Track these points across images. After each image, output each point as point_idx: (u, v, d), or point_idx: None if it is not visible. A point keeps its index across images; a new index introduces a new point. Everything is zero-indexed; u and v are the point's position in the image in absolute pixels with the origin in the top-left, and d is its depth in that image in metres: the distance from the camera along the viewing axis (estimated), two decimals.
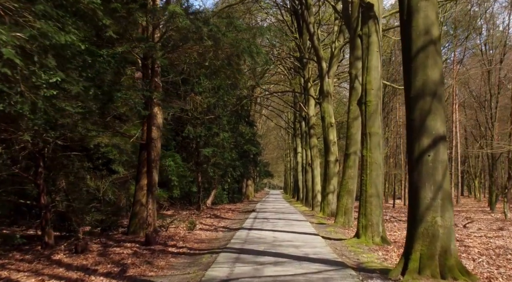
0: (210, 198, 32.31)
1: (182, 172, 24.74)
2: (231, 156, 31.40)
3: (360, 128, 18.54)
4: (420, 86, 8.14)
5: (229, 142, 30.48)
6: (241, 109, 40.61)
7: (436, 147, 8.03)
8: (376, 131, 13.32)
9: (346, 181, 18.40)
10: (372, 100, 13.39)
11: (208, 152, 27.39)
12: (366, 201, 13.20)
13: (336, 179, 23.80)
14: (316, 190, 28.97)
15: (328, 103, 23.67)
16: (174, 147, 27.93)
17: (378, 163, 13.24)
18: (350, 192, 18.41)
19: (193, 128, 27.88)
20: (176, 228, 17.79)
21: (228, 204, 38.38)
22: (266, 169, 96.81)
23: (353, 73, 18.46)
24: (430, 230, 7.94)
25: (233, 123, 32.16)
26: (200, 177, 29.45)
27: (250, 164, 47.07)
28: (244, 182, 51.01)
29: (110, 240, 13.59)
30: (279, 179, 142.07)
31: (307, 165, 34.37)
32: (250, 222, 20.11)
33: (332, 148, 23.54)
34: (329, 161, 23.50)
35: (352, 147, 18.40)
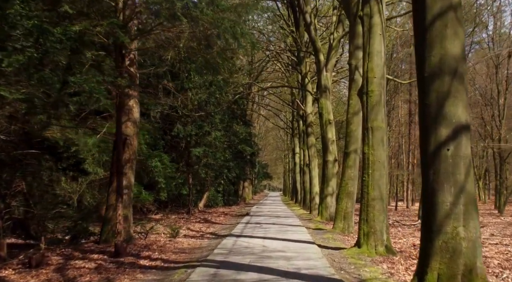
0: (202, 200, 30.67)
1: (170, 173, 23.09)
2: (224, 156, 29.76)
3: (360, 124, 16.92)
4: (437, 62, 6.49)
5: (222, 141, 28.86)
6: (237, 108, 39.01)
7: (457, 139, 6.38)
8: (379, 126, 11.66)
9: (345, 182, 16.75)
10: (375, 90, 11.74)
11: (198, 151, 25.77)
12: (368, 204, 11.53)
13: (335, 180, 22.14)
14: (314, 192, 27.31)
15: (326, 99, 22.03)
16: (163, 146, 26.28)
17: (381, 162, 11.58)
18: (350, 195, 16.75)
19: (182, 127, 26.25)
20: (158, 234, 16.14)
21: (223, 207, 36.72)
22: (265, 170, 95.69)
23: (353, 64, 16.82)
24: (450, 244, 6.28)
25: (226, 121, 30.51)
26: (191, 179, 27.79)
27: (246, 165, 45.46)
28: (241, 183, 49.33)
29: (77, 250, 11.91)
30: (278, 181, 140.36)
31: (305, 165, 32.71)
32: (241, 227, 18.44)
33: (331, 147, 21.88)
34: (328, 161, 21.84)
35: (352, 145, 16.76)
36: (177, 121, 26.48)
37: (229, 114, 32.00)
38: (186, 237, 15.86)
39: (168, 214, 26.80)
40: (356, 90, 16.42)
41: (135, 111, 13.62)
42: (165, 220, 23.33)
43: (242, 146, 32.78)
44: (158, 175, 22.56)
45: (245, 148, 33.03)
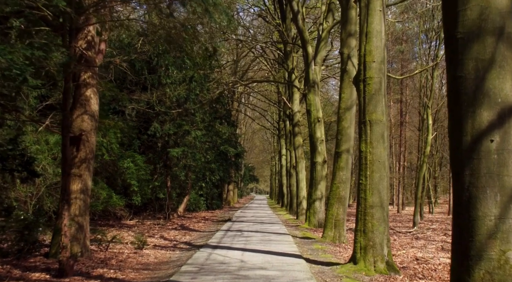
0: (182, 205, 28.67)
1: (144, 175, 21.12)
2: (206, 158, 27.80)
3: (354, 120, 15.12)
4: (475, 18, 4.65)
5: (203, 142, 26.91)
6: (220, 107, 37.07)
7: (505, 126, 4.54)
8: (378, 119, 9.82)
9: (336, 186, 14.92)
10: (374, 76, 9.89)
11: (177, 152, 23.78)
12: (365, 213, 9.68)
13: (324, 183, 20.31)
14: (301, 196, 25.46)
15: (314, 95, 20.20)
16: (139, 146, 24.29)
17: (381, 161, 9.74)
18: (342, 199, 14.91)
19: (160, 125, 24.27)
20: (125, 244, 14.16)
21: (206, 211, 34.75)
22: (251, 173, 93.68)
23: (345, 53, 14.99)
24: (496, 275, 4.42)
25: (208, 121, 28.55)
26: (169, 181, 25.80)
27: (231, 167, 43.49)
28: (225, 187, 47.37)
29: (18, 267, 9.92)
30: (265, 184, 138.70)
31: (291, 167, 30.87)
32: (220, 235, 16.51)
33: (320, 147, 20.05)
34: (316, 163, 20.00)
35: (344, 144, 14.92)
36: (154, 120, 24.51)
37: (212, 113, 30.06)
38: (156, 247, 13.89)
39: (144, 219, 24.81)
40: (349, 82, 14.63)
41: (93, 103, 11.64)
42: (139, 226, 21.34)
43: (225, 147, 30.83)
44: (130, 177, 20.57)
45: (228, 148, 31.09)
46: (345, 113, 14.97)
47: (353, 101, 15.14)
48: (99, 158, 19.23)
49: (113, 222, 23.45)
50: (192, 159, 24.86)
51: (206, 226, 21.82)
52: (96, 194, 19.17)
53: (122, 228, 20.59)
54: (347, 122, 14.95)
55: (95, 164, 19.79)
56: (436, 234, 19.16)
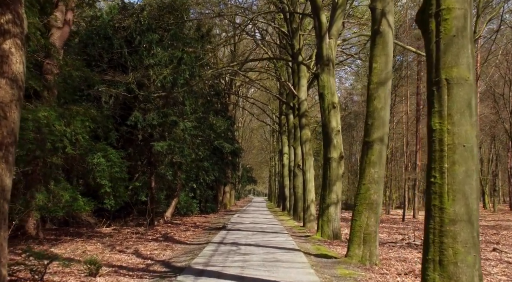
0: (169, 209, 24.77)
1: (118, 173, 17.21)
2: (197, 154, 23.93)
3: (388, 101, 11.28)
4: None
5: (194, 135, 23.06)
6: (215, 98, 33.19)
7: None
8: (462, 76, 5.96)
9: (366, 187, 11.06)
10: (455, 6, 6.04)
11: (161, 146, 19.91)
12: (442, 231, 5.82)
13: (340, 184, 16.45)
14: (309, 199, 21.58)
15: (328, 75, 16.35)
16: (117, 140, 20.43)
17: (468, 146, 5.89)
18: (373, 206, 11.05)
19: (141, 114, 20.41)
20: (72, 270, 10.26)
21: (198, 216, 30.89)
22: (249, 174, 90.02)
23: (378, 8, 11.17)
24: None
25: (200, 112, 24.66)
26: (153, 181, 21.92)
27: (227, 167, 39.63)
28: (221, 188, 43.47)
29: None
30: (263, 185, 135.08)
31: (296, 166, 26.99)
32: (210, 252, 12.61)
33: (335, 139, 16.19)
34: (331, 159, 16.15)
35: (377, 130, 11.07)
36: (135, 108, 20.63)
37: (205, 103, 26.19)
38: (117, 272, 9.99)
39: (123, 226, 20.94)
40: (383, 47, 10.84)
41: (15, 61, 7.73)
42: (114, 235, 17.48)
43: (220, 142, 26.95)
44: (101, 175, 16.67)
45: (223, 144, 27.20)
46: (378, 89, 11.12)
47: (388, 74, 11.27)
48: (60, 151, 15.40)
49: (87, 230, 19.63)
50: (180, 155, 20.96)
51: (195, 235, 17.93)
52: (56, 195, 15.35)
53: (91, 238, 16.75)
54: (380, 101, 11.10)
55: (58, 160, 16.00)
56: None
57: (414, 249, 14.32)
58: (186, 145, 21.52)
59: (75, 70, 17.31)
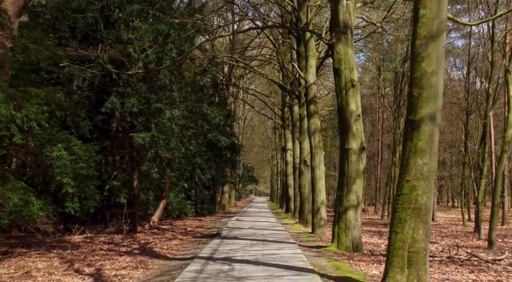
0: (156, 212, 21.43)
1: (85, 170, 13.91)
2: (188, 148, 20.65)
3: (442, 63, 7.97)
4: None
5: (184, 126, 19.81)
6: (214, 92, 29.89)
7: None
8: None
9: (411, 186, 7.75)
10: None
11: (142, 138, 16.60)
12: None
13: (361, 182, 13.14)
14: (319, 200, 18.29)
15: (346, 46, 13.05)
16: (90, 130, 17.14)
17: None
18: (421, 212, 7.71)
19: (119, 100, 17.13)
20: None
21: (193, 219, 27.64)
22: (250, 173, 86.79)
23: None
24: None
25: (192, 99, 21.32)
26: (136, 180, 18.63)
27: (225, 165, 36.33)
28: (219, 188, 40.14)
29: None
30: (265, 185, 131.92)
31: (303, 163, 23.66)
32: (191, 275, 9.29)
33: (355, 126, 12.90)
34: (349, 150, 12.85)
35: (426, 104, 7.75)
36: (113, 93, 17.33)
37: (198, 91, 22.82)
38: None
39: (98, 233, 17.65)
40: None
41: None
42: (82, 246, 14.22)
43: (214, 135, 23.57)
44: (61, 172, 13.35)
45: (218, 137, 23.83)
46: (428, 46, 7.79)
47: (442, 24, 7.92)
48: (6, 141, 12.20)
49: (53, 239, 16.36)
50: (166, 149, 17.66)
51: (182, 246, 14.61)
52: (3, 198, 12.10)
53: (53, 249, 13.51)
54: (430, 63, 7.77)
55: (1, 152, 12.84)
56: None
57: (461, 266, 11.00)
58: (174, 137, 18.21)
59: (33, 44, 14.03)
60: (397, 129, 31.89)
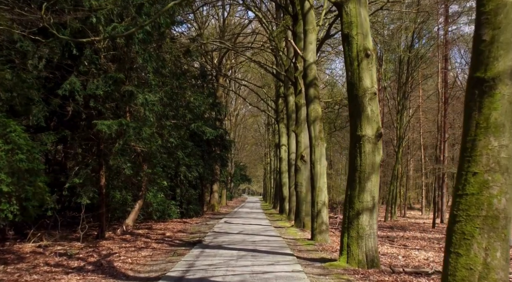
0: (131, 214, 18.53)
1: (26, 164, 10.99)
2: (166, 140, 17.78)
3: None
4: None
5: (160, 113, 16.96)
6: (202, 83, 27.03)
7: None
8: None
9: (480, 182, 4.91)
10: None
11: (107, 126, 13.70)
12: None
13: (377, 178, 10.28)
14: (320, 201, 15.47)
15: (358, 5, 10.26)
16: (46, 117, 14.24)
17: None
18: (499, 222, 4.87)
19: (79, 80, 14.22)
20: None
21: (177, 221, 24.74)
22: (242, 172, 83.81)
23: None
24: None
25: (172, 85, 18.42)
26: (104, 177, 15.74)
27: (215, 162, 33.50)
28: (208, 187, 37.21)
29: None
30: (258, 184, 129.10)
31: (299, 158, 20.81)
32: None
33: (370, 107, 10.08)
34: (362, 138, 10.03)
35: (505, 54, 4.91)
36: (73, 72, 14.42)
37: (180, 75, 19.89)
38: None
39: (58, 240, 14.73)
40: None
41: None
42: (29, 258, 11.36)
43: (198, 125, 20.63)
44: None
45: (203, 128, 20.90)
46: None
47: None
48: None
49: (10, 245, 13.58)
50: (138, 139, 14.77)
51: (151, 258, 11.71)
52: None
53: None
54: None
55: None
56: None
57: None
58: (148, 126, 15.31)
59: None
60: (401, 122, 29.24)
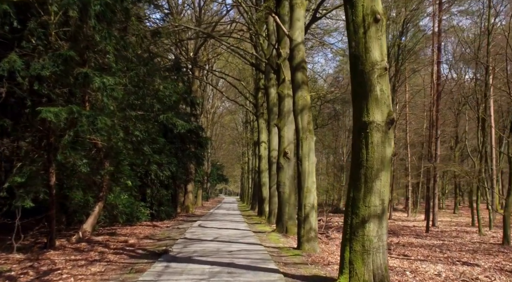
0: (90, 219, 16.10)
1: None
2: (131, 133, 15.44)
3: None
4: None
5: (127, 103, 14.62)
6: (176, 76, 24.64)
7: None
8: None
9: None
10: None
11: (55, 113, 11.33)
12: None
13: (388, 177, 8.11)
14: (308, 203, 13.31)
15: None
16: None
17: None
18: None
19: (21, 59, 11.79)
20: None
21: (146, 224, 22.40)
22: (219, 172, 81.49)
23: None
24: None
25: (139, 70, 16.06)
26: (53, 176, 13.32)
27: (189, 161, 31.15)
28: (182, 187, 34.79)
29: None
30: (235, 185, 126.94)
31: (282, 155, 18.66)
32: None
33: (378, 86, 7.97)
34: (370, 125, 7.90)
35: None
36: (15, 49, 12.00)
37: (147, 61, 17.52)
38: None
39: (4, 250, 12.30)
40: None
41: None
42: None
43: (167, 116, 18.28)
44: None
45: (173, 119, 18.55)
46: None
47: None
48: None
49: None
50: (90, 130, 12.37)
51: (100, 277, 9.34)
52: None
53: None
54: None
55: None
56: None
57: None
58: (105, 116, 12.92)
59: None
60: None
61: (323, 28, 31.99)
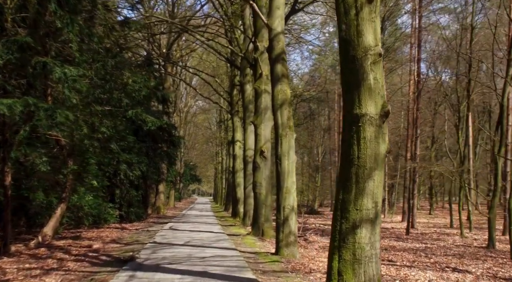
0: (51, 221, 14.86)
1: None
2: (97, 129, 14.30)
3: None
4: None
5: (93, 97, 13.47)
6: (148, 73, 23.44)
7: None
8: None
9: None
10: None
11: (8, 106, 10.16)
12: None
13: (381, 176, 7.22)
14: (288, 205, 12.41)
15: None
16: None
17: None
18: None
19: None
20: None
21: (115, 226, 21.20)
22: (192, 172, 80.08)
23: None
24: None
25: (106, 62, 14.92)
26: (9, 175, 12.12)
27: (161, 160, 29.98)
28: (153, 188, 33.55)
29: None
30: (208, 185, 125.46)
31: (258, 154, 17.72)
32: None
33: (372, 74, 7.10)
34: (362, 118, 7.01)
35: None
36: None
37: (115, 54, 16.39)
38: None
39: None
40: None
41: None
42: None
43: (136, 111, 17.17)
44: None
45: (143, 115, 17.45)
46: None
47: None
48: None
49: None
50: (50, 123, 11.22)
51: None
52: None
53: None
54: None
55: None
56: None
57: None
58: (67, 109, 11.78)
59: None
60: None
61: (300, 24, 31.18)
